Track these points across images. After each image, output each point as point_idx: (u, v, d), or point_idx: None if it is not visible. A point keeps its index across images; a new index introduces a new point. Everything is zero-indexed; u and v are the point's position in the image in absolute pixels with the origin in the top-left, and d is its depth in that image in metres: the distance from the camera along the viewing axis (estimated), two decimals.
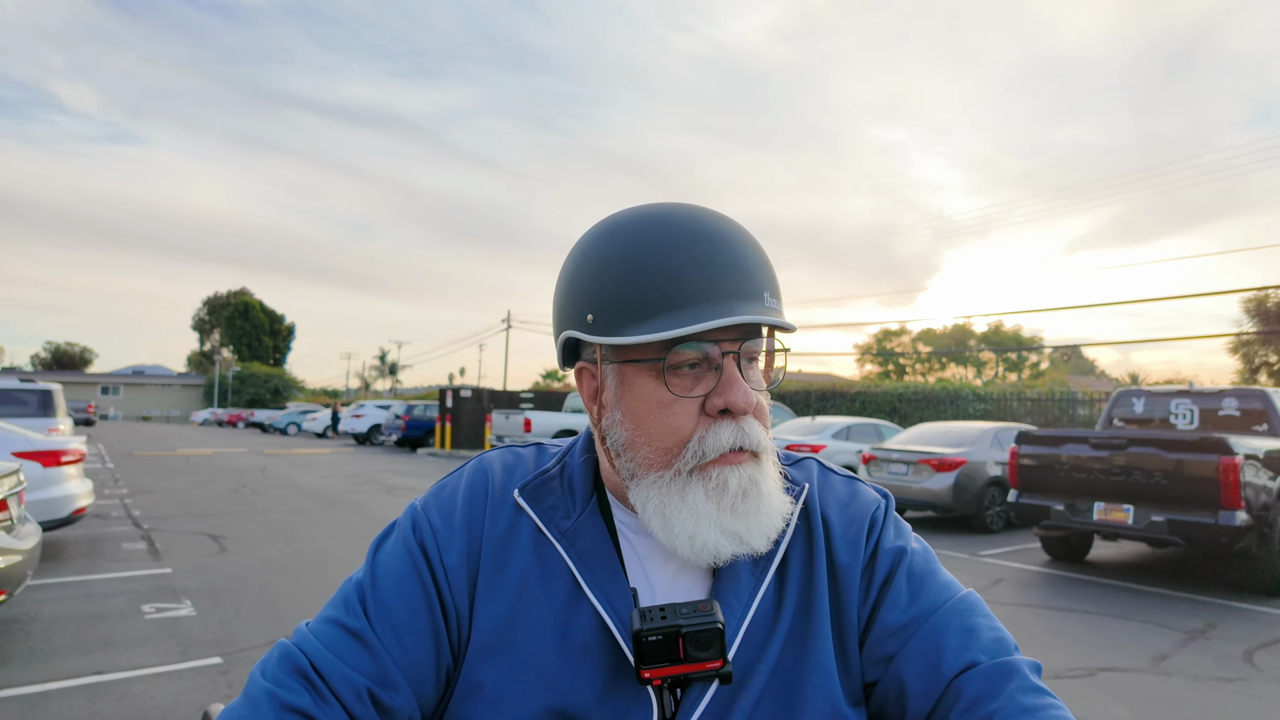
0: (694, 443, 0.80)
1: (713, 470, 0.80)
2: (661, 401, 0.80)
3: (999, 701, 0.76)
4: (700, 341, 0.79)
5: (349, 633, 0.81)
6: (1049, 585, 7.19)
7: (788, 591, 0.86)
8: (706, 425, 0.80)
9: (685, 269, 0.78)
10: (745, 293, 0.79)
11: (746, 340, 0.80)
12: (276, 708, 0.75)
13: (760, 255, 0.83)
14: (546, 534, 0.86)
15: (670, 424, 0.80)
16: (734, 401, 0.79)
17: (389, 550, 0.88)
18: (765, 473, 0.83)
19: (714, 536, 0.79)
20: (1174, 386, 8.63)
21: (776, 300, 0.82)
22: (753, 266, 0.81)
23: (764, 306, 0.79)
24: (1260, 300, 31.90)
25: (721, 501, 0.79)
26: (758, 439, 0.81)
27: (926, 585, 0.87)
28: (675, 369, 0.80)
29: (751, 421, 0.81)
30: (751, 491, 0.81)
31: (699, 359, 0.80)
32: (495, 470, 0.92)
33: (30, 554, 4.89)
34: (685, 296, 0.77)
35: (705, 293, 0.77)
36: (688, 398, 0.80)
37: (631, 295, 0.79)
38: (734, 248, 0.81)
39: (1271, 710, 4.15)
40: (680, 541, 0.80)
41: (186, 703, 3.90)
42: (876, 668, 0.84)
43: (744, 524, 0.80)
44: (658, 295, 0.78)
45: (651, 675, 0.76)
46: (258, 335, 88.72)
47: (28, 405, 11.35)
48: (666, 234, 0.81)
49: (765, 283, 0.81)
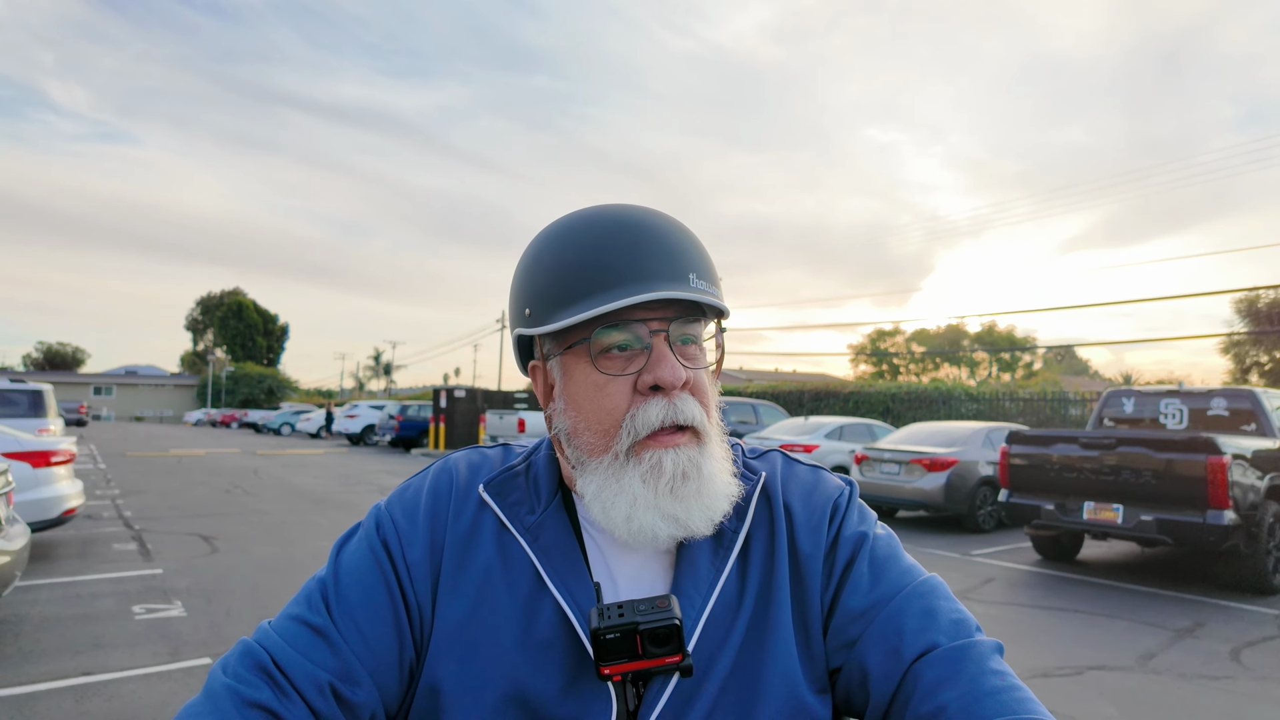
0: (627, 421, 0.81)
1: (647, 452, 0.80)
2: (596, 384, 0.82)
3: (959, 685, 0.76)
4: (629, 322, 0.80)
5: (311, 629, 0.81)
6: (1039, 584, 7.22)
7: (749, 581, 0.86)
8: (639, 403, 0.81)
9: (606, 255, 0.80)
10: (667, 273, 0.80)
11: (677, 320, 0.81)
12: (238, 703, 0.75)
13: (687, 240, 0.84)
14: (510, 529, 0.87)
15: (605, 405, 0.81)
16: (662, 376, 0.79)
17: (352, 548, 0.88)
18: (708, 455, 0.83)
19: (650, 519, 0.80)
20: (1163, 386, 8.67)
21: (708, 283, 0.82)
22: (678, 250, 0.82)
23: (689, 286, 0.80)
24: (1251, 301, 32.08)
25: (659, 485, 0.80)
26: (692, 415, 0.81)
27: (888, 570, 0.87)
28: (606, 351, 0.81)
29: (687, 398, 0.82)
30: (691, 474, 0.81)
31: (629, 340, 0.81)
32: (460, 469, 0.93)
33: (19, 555, 4.87)
34: (607, 280, 0.79)
35: (626, 274, 0.79)
36: (620, 377, 0.81)
37: (558, 284, 0.81)
38: (657, 232, 0.82)
39: (1258, 708, 4.18)
40: (617, 525, 0.81)
41: (176, 704, 3.89)
42: (840, 653, 0.84)
43: (683, 507, 0.80)
44: (581, 281, 0.80)
45: (611, 672, 0.77)
46: (251, 335, 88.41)
47: (18, 405, 11.31)
48: (592, 227, 0.83)
49: (692, 265, 0.82)
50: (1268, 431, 7.71)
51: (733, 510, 0.88)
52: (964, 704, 0.74)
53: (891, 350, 64.71)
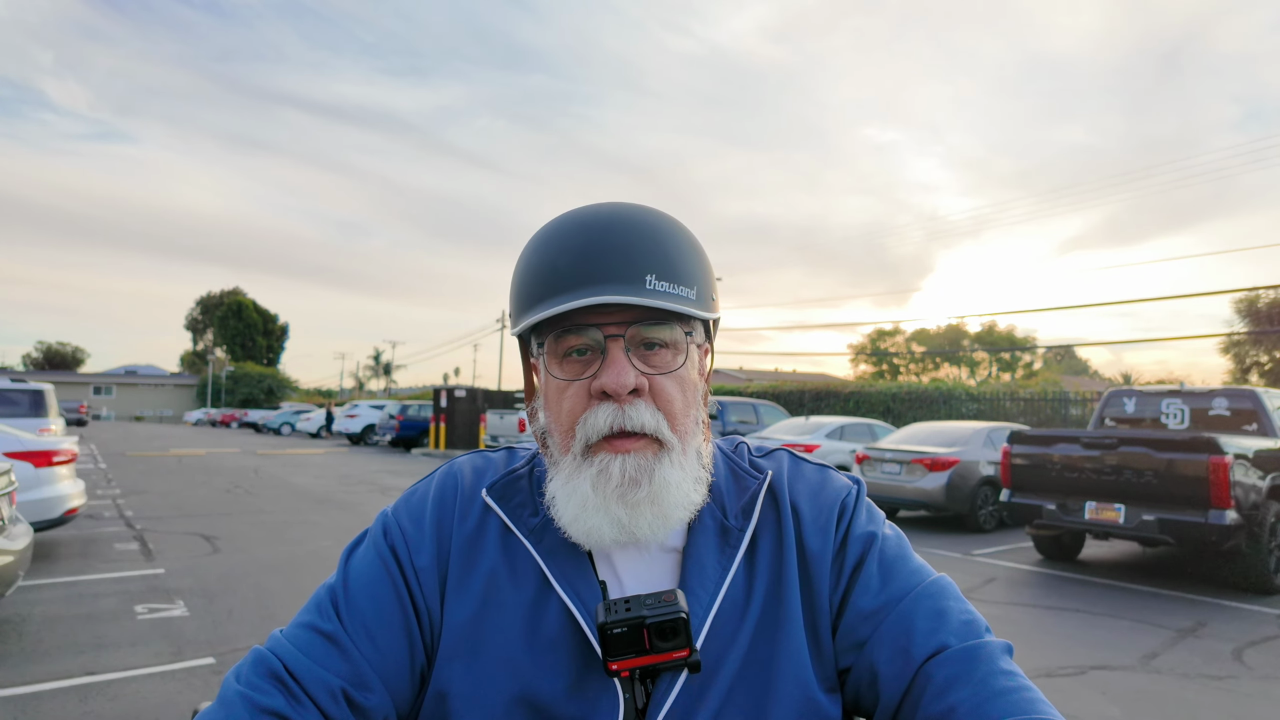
0: (579, 425, 0.82)
1: (598, 456, 0.81)
2: (559, 386, 0.83)
3: (970, 685, 0.77)
4: (584, 326, 0.80)
5: (322, 635, 0.82)
6: (1041, 584, 7.22)
7: (757, 579, 0.86)
8: (591, 407, 0.81)
9: (560, 258, 0.81)
10: (618, 276, 0.79)
11: (636, 324, 0.80)
12: (251, 710, 0.76)
13: (652, 241, 0.81)
14: (514, 531, 0.88)
15: (565, 406, 0.83)
16: (606, 382, 0.79)
17: (361, 555, 0.89)
18: (670, 463, 0.82)
19: (596, 521, 0.81)
20: (1165, 386, 8.67)
21: (671, 284, 0.80)
22: (635, 250, 0.80)
23: (642, 290, 0.78)
24: (1251, 301, 32.08)
25: (606, 490, 0.80)
26: (642, 422, 0.80)
27: (898, 570, 0.87)
28: (568, 355, 0.82)
29: (639, 405, 0.81)
30: (643, 480, 0.80)
31: (586, 344, 0.81)
32: (465, 473, 0.94)
33: (22, 555, 4.88)
34: (559, 283, 0.80)
35: (575, 278, 0.79)
36: (577, 381, 0.82)
37: (524, 287, 0.84)
38: (618, 233, 0.81)
39: (1261, 708, 4.18)
40: (567, 525, 0.83)
41: (179, 703, 3.89)
42: (849, 653, 0.85)
43: (631, 514, 0.80)
44: (539, 285, 0.81)
45: (619, 667, 0.77)
46: (251, 335, 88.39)
47: (19, 405, 11.31)
48: (560, 229, 0.84)
49: (649, 266, 0.80)
50: (1269, 431, 7.71)
51: (740, 509, 0.89)
52: (974, 704, 0.75)
53: (891, 350, 64.71)
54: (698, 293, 0.83)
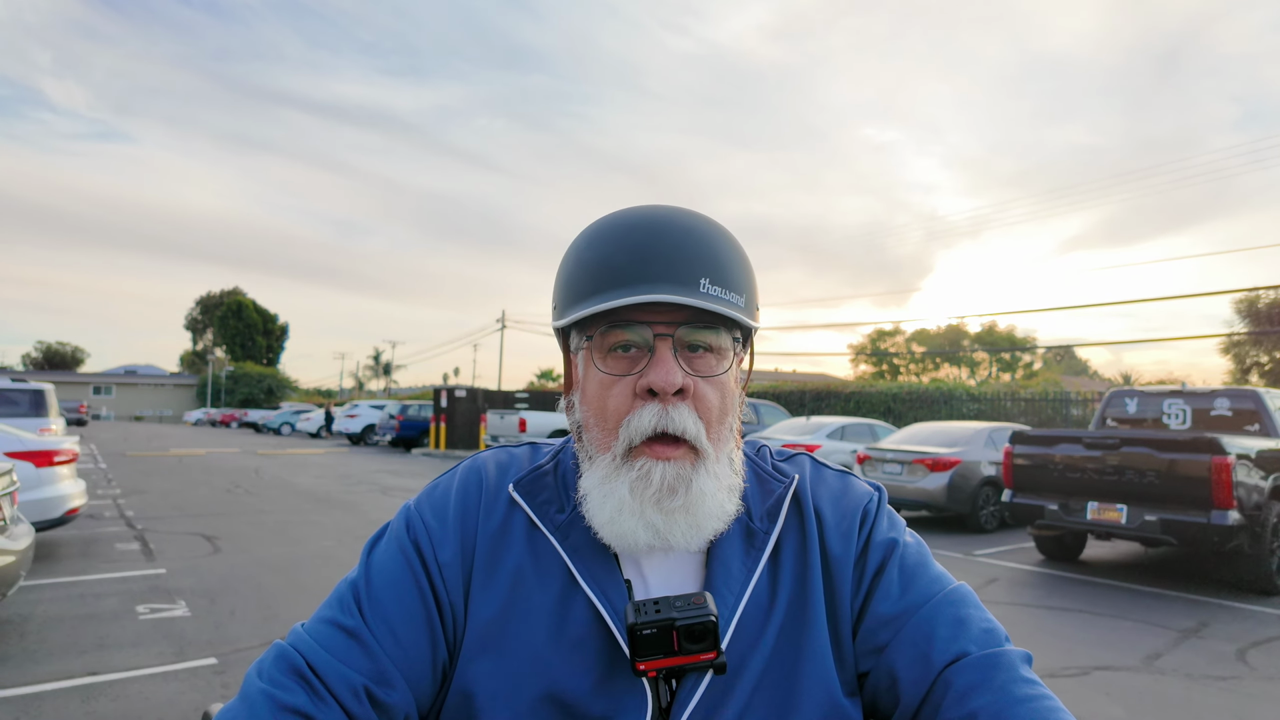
0: (624, 425, 0.81)
1: (639, 461, 0.81)
2: (602, 382, 0.83)
3: (990, 692, 0.77)
4: (634, 323, 0.80)
5: (344, 631, 0.82)
6: (1043, 584, 7.22)
7: (781, 583, 0.87)
8: (637, 407, 0.81)
9: (616, 255, 0.81)
10: (673, 277, 0.79)
11: (685, 326, 0.80)
12: (273, 708, 0.75)
13: (707, 245, 0.82)
14: (541, 528, 0.87)
15: (609, 404, 0.82)
16: (654, 380, 0.79)
17: (383, 550, 0.89)
18: (705, 472, 0.82)
19: (632, 525, 0.81)
20: (1167, 387, 8.67)
21: (723, 289, 0.81)
22: (693, 254, 0.81)
23: (696, 292, 0.79)
24: (1251, 301, 32.10)
25: (645, 495, 0.80)
26: (684, 426, 0.80)
27: (918, 577, 0.88)
28: (614, 350, 0.82)
29: (681, 408, 0.81)
30: (680, 489, 0.80)
31: (634, 340, 0.81)
32: (489, 468, 0.94)
33: (23, 555, 4.87)
34: (614, 279, 0.80)
35: (630, 275, 0.79)
36: (624, 377, 0.82)
37: (573, 281, 0.84)
38: (674, 235, 0.81)
39: (1264, 708, 4.18)
40: (601, 525, 0.82)
41: (182, 704, 3.89)
42: (869, 658, 0.85)
43: (667, 520, 0.80)
44: (592, 279, 0.81)
45: (647, 667, 0.77)
46: (251, 335, 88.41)
47: (19, 405, 11.31)
48: (615, 227, 0.84)
49: (704, 270, 0.80)
50: (1271, 431, 7.71)
51: (765, 512, 0.90)
52: (994, 711, 0.75)
53: (892, 350, 64.73)
54: (746, 301, 0.84)
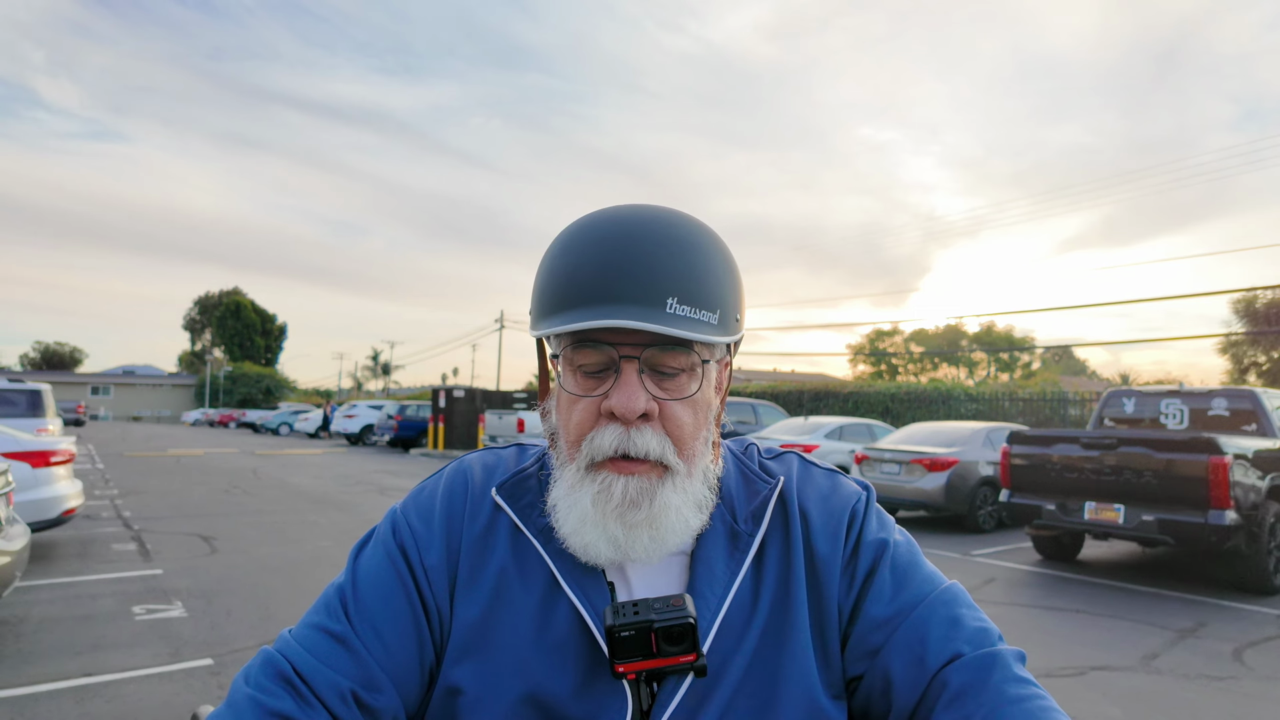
0: (586, 441, 0.81)
1: (601, 474, 0.81)
2: (571, 398, 0.82)
3: (985, 693, 0.77)
4: (601, 343, 0.79)
5: (331, 636, 0.82)
6: (1040, 584, 7.22)
7: (764, 584, 0.86)
8: (600, 426, 0.81)
9: (582, 271, 0.78)
10: (638, 297, 0.76)
11: (652, 348, 0.78)
12: (260, 713, 0.75)
13: (677, 258, 0.78)
14: (524, 531, 0.87)
15: (575, 419, 0.82)
16: (616, 405, 0.78)
17: (369, 554, 0.89)
18: (672, 486, 0.81)
19: (594, 537, 0.81)
20: (1164, 387, 8.67)
21: (692, 308, 0.77)
22: (660, 270, 0.77)
23: (662, 314, 0.75)
24: (1249, 301, 32.15)
25: (606, 508, 0.80)
26: (647, 448, 0.79)
27: (910, 577, 0.87)
28: (584, 368, 0.81)
29: (646, 431, 0.79)
30: (643, 502, 0.80)
31: (603, 361, 0.80)
32: (475, 471, 0.94)
33: (19, 555, 4.86)
34: (578, 297, 0.78)
35: (595, 294, 0.77)
36: (589, 397, 0.81)
37: (544, 292, 0.82)
38: (643, 247, 0.78)
39: (1261, 708, 4.18)
40: (567, 536, 0.83)
41: (177, 705, 3.88)
42: (862, 661, 0.85)
43: (628, 534, 0.80)
44: (559, 294, 0.79)
45: (626, 669, 0.77)
46: (249, 335, 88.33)
47: (16, 405, 11.29)
48: (586, 236, 0.81)
49: (673, 288, 0.76)
50: (1268, 431, 7.71)
51: (750, 513, 0.89)
52: (989, 711, 0.76)
53: (890, 350, 64.76)
54: (721, 315, 0.80)
